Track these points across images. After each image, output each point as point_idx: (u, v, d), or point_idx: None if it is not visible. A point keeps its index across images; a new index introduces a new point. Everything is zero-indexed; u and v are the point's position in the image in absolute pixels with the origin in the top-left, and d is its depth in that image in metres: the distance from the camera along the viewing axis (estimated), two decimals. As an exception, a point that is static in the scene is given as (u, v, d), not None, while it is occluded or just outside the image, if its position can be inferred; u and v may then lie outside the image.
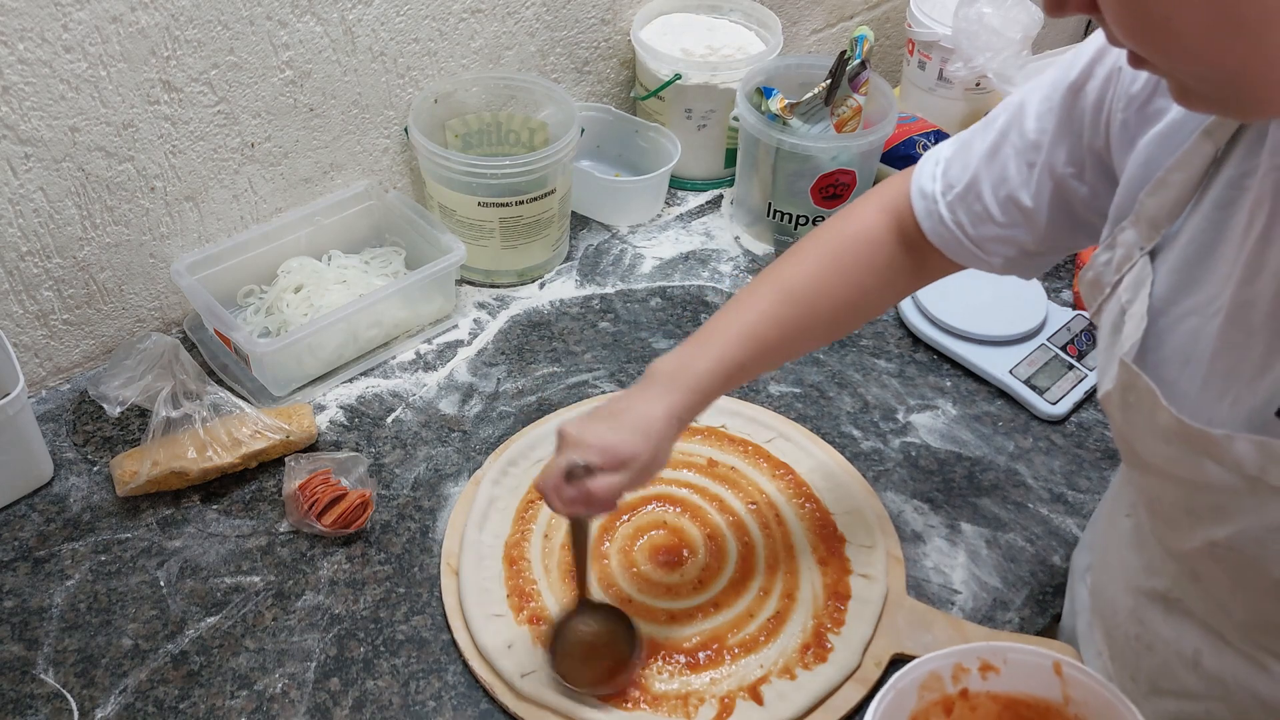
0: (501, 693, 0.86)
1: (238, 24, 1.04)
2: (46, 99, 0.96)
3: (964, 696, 0.72)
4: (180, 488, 1.01)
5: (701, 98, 1.36)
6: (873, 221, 0.84)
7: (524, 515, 1.00)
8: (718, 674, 0.88)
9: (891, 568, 0.96)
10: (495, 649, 0.88)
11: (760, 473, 1.04)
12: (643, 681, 0.87)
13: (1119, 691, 0.67)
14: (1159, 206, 0.63)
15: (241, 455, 1.01)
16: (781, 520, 1.00)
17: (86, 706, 0.85)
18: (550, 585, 0.94)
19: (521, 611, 0.91)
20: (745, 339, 0.82)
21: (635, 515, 1.00)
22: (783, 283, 0.84)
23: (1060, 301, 1.26)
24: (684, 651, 0.89)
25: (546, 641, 0.87)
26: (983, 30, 1.40)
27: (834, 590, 0.94)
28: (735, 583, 0.95)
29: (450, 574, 0.95)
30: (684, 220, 1.39)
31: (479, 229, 1.22)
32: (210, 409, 1.02)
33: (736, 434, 1.08)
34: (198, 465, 0.99)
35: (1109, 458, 1.09)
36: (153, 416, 1.00)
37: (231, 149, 1.11)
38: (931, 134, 1.39)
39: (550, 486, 0.78)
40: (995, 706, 0.72)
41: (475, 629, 0.90)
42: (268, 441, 1.02)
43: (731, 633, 0.91)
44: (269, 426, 1.02)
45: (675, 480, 1.04)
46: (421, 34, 1.20)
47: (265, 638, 0.90)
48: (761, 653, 0.89)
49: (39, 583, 0.93)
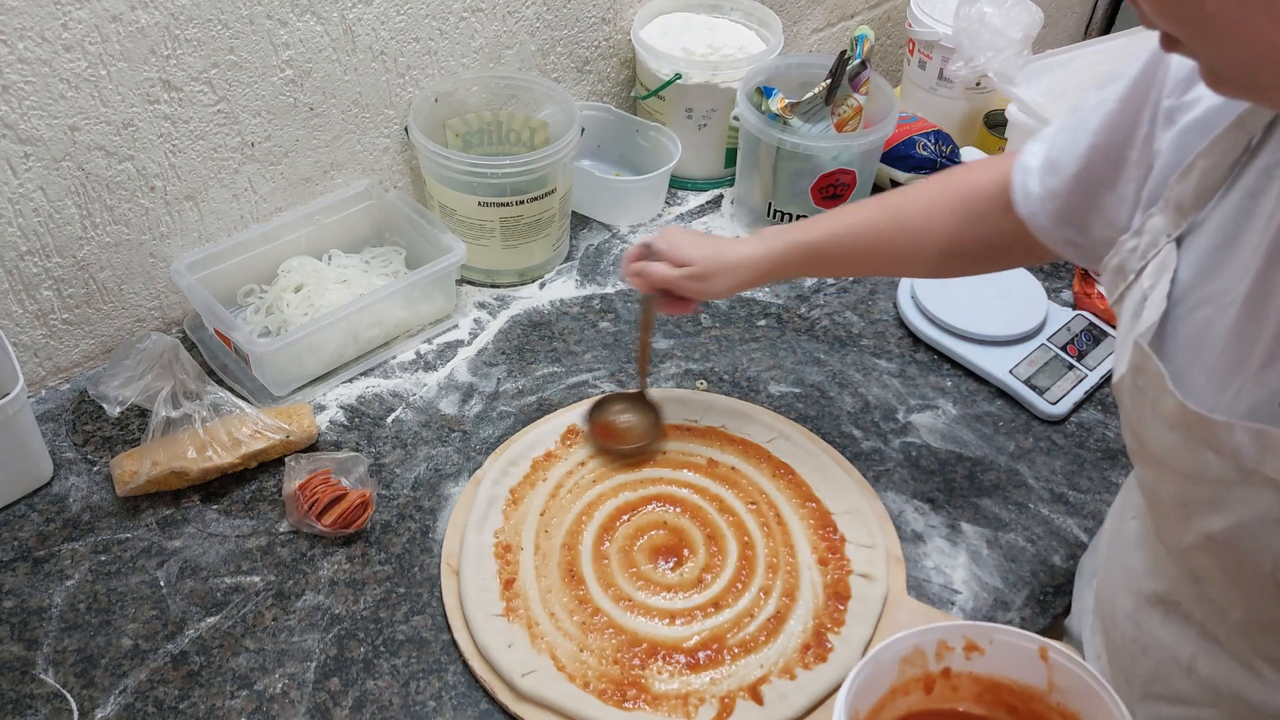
0: (501, 692, 0.86)
1: (238, 23, 1.04)
2: (46, 98, 0.96)
3: (946, 675, 0.71)
4: (180, 487, 1.00)
5: (702, 97, 1.36)
6: (999, 177, 0.83)
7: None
8: (718, 674, 0.88)
9: (892, 567, 0.96)
10: (495, 648, 0.88)
11: (760, 473, 1.04)
12: (642, 681, 0.87)
13: (1104, 682, 0.66)
14: (1186, 193, 0.64)
15: (241, 455, 1.01)
16: (781, 520, 1.00)
17: (86, 706, 0.85)
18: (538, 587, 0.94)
19: (514, 610, 0.91)
20: (838, 233, 0.92)
21: (635, 515, 1.00)
22: (892, 202, 0.92)
23: (1060, 301, 1.26)
24: (684, 651, 0.89)
25: (586, 414, 1.07)
26: (983, 30, 1.40)
27: (834, 590, 0.94)
28: (735, 582, 0.95)
29: (450, 574, 0.95)
30: (685, 220, 1.39)
31: (479, 229, 1.22)
32: (210, 409, 1.02)
33: (736, 434, 1.08)
34: (198, 465, 0.99)
35: (1109, 458, 1.09)
36: (152, 416, 1.00)
37: (231, 148, 1.11)
38: (932, 134, 1.38)
39: (627, 256, 0.99)
40: (977, 688, 0.72)
41: (475, 629, 0.89)
42: (268, 441, 1.02)
43: (731, 632, 0.91)
44: (269, 426, 1.02)
45: (676, 480, 1.04)
46: (422, 33, 1.20)
47: (265, 638, 0.90)
48: (762, 653, 0.89)
49: (39, 583, 0.93)
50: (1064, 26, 2.10)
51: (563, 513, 1.00)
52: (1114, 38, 1.53)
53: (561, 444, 1.06)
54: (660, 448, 1.06)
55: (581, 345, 1.20)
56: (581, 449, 1.06)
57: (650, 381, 1.14)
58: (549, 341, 1.20)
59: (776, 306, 1.26)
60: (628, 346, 1.19)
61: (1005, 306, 1.21)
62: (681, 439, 1.08)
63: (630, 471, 1.04)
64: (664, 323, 1.23)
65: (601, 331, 1.21)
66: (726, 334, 1.22)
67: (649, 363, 1.11)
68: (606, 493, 1.02)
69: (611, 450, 1.05)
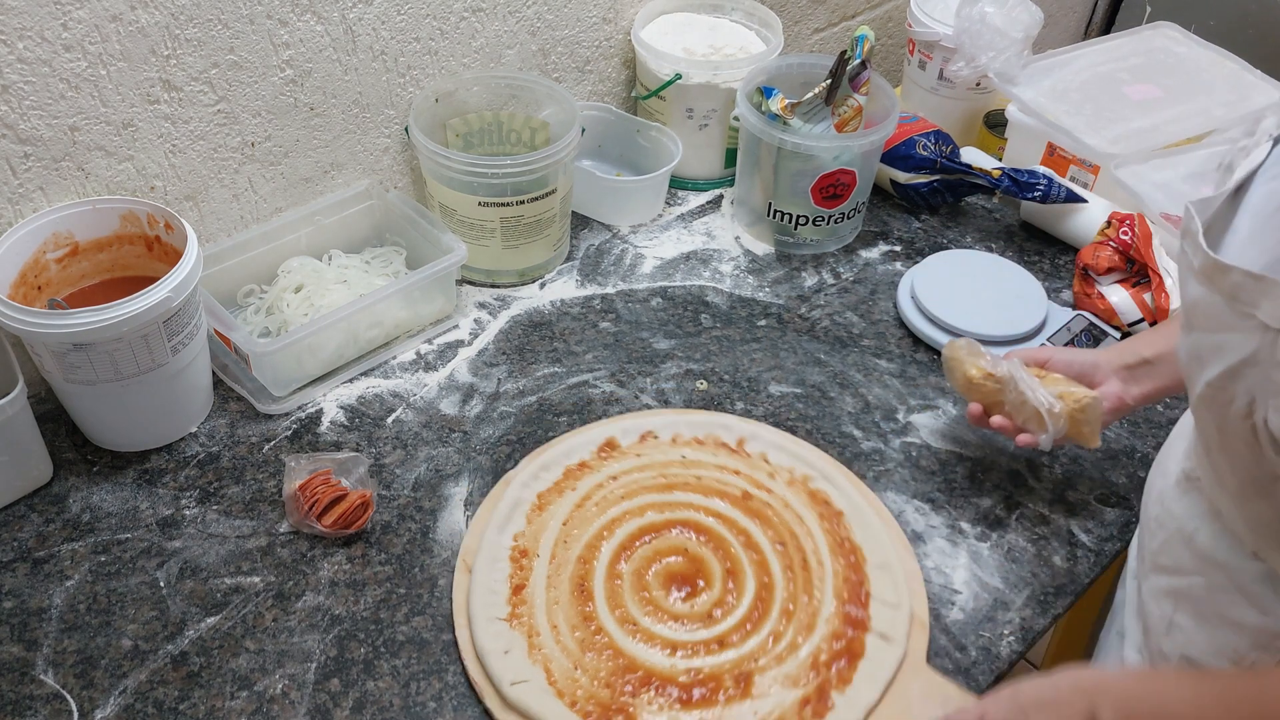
0: (489, 697, 0.85)
1: (238, 23, 1.04)
2: (46, 98, 0.96)
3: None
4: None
5: (702, 97, 1.36)
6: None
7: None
8: (709, 714, 0.84)
9: (915, 632, 0.90)
10: (492, 653, 0.87)
11: (796, 508, 1.00)
12: (630, 709, 0.84)
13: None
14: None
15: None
16: (806, 565, 0.95)
17: (86, 707, 0.84)
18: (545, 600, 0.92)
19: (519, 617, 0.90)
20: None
21: (658, 538, 0.97)
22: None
23: (1060, 301, 1.26)
24: (678, 685, 0.86)
25: None
26: (984, 30, 1.40)
27: (848, 646, 0.89)
28: (745, 622, 0.91)
29: (464, 570, 0.94)
30: (685, 220, 1.39)
31: (480, 229, 1.22)
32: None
33: (779, 464, 1.04)
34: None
35: (1110, 458, 1.09)
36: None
37: (231, 148, 1.11)
38: (932, 134, 1.38)
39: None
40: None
41: (476, 630, 0.89)
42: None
43: (730, 674, 0.87)
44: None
45: (704, 508, 1.00)
46: (422, 33, 1.20)
47: (265, 638, 0.90)
48: (758, 700, 0.85)
49: (38, 583, 0.93)
50: (1064, 26, 2.10)
51: (585, 525, 0.98)
52: (1114, 38, 1.53)
53: (597, 455, 1.04)
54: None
55: (582, 345, 1.19)
56: (615, 463, 1.03)
57: (650, 382, 1.14)
58: (549, 342, 1.20)
59: (777, 307, 1.26)
60: (628, 347, 1.19)
61: (1005, 306, 1.21)
62: (715, 467, 1.04)
63: (660, 493, 1.01)
64: (664, 322, 1.23)
65: (602, 332, 1.21)
66: (727, 334, 1.22)
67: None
68: (633, 511, 0.99)
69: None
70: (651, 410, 1.11)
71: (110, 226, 1.04)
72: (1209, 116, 1.38)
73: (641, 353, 1.19)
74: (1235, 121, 1.38)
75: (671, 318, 1.24)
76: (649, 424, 1.07)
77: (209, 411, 1.09)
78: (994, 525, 1.02)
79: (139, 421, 1.03)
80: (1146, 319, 1.20)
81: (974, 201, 1.44)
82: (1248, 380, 0.64)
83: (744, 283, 1.30)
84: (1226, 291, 0.63)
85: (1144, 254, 1.20)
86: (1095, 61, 1.47)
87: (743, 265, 1.32)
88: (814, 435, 1.10)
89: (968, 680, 0.89)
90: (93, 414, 1.02)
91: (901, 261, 1.34)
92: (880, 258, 1.35)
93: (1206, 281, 0.65)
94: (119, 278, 1.06)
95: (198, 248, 0.98)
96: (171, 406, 1.04)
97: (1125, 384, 0.96)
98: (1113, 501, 1.05)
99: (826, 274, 1.32)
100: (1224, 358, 0.65)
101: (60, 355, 0.94)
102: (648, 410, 1.11)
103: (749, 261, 1.33)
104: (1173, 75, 1.45)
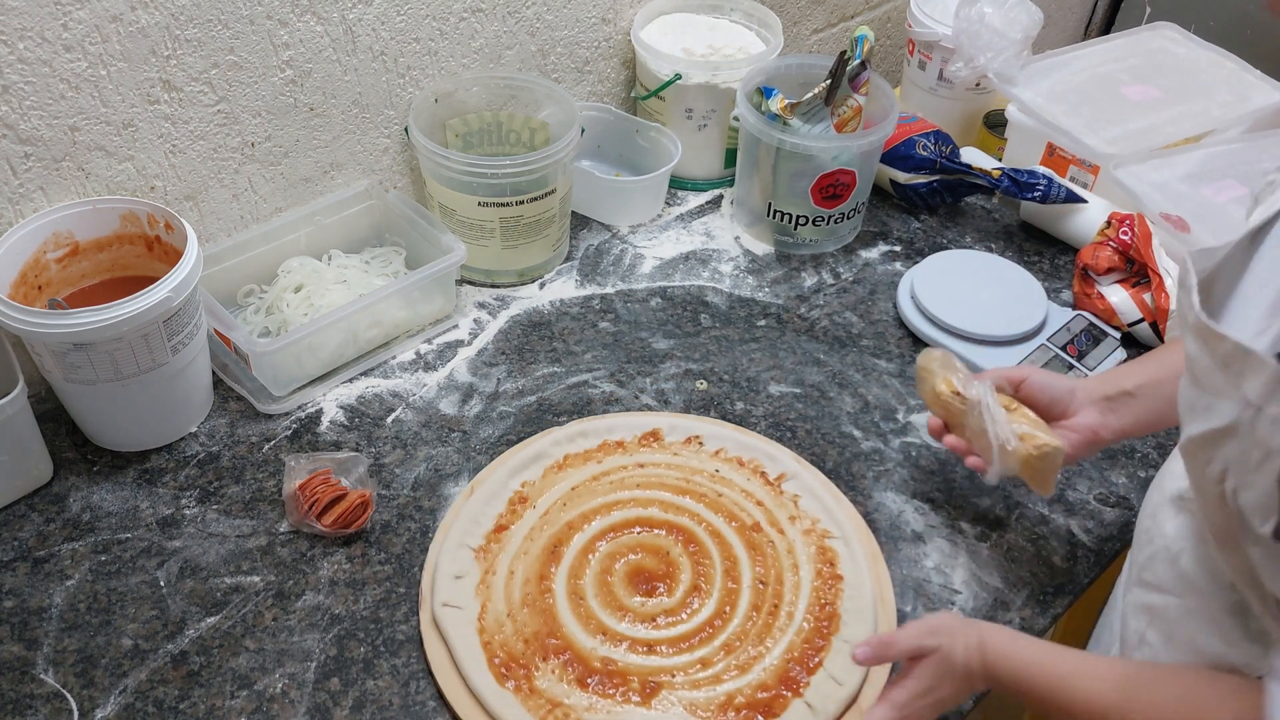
0: (424, 608, 0.91)
1: (238, 23, 1.04)
2: (46, 98, 0.96)
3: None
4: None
5: (702, 98, 1.36)
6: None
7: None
8: (599, 704, 0.84)
9: (872, 677, 0.87)
10: (444, 572, 0.92)
11: (798, 557, 0.96)
12: (533, 671, 0.86)
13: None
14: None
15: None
16: (775, 613, 0.92)
17: (86, 707, 0.85)
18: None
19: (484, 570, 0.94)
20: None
21: (649, 533, 0.98)
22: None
23: (1060, 301, 1.26)
24: (587, 667, 0.87)
25: None
26: (983, 30, 1.40)
27: (770, 702, 0.85)
28: (684, 640, 0.90)
29: (467, 495, 0.99)
30: (684, 220, 1.39)
31: (479, 229, 1.22)
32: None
33: (806, 510, 1.00)
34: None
35: (1109, 458, 1.09)
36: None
37: (231, 148, 1.11)
38: (932, 134, 1.38)
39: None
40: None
41: (445, 549, 0.94)
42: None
43: (640, 677, 0.86)
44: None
45: (708, 523, 0.99)
46: (422, 33, 1.20)
47: (265, 638, 0.90)
48: (653, 713, 0.84)
49: (39, 583, 0.93)
50: (1064, 26, 2.10)
51: (589, 496, 1.01)
52: (1113, 38, 1.53)
53: (638, 440, 1.06)
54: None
55: (581, 345, 1.20)
56: (650, 453, 1.05)
57: (650, 382, 1.14)
58: (549, 342, 1.20)
59: (776, 307, 1.26)
60: (628, 346, 1.19)
61: (1005, 306, 1.21)
62: (732, 485, 1.02)
63: (675, 494, 1.01)
64: (664, 322, 1.23)
65: (601, 331, 1.21)
66: (726, 334, 1.22)
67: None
68: (640, 501, 1.00)
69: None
70: (708, 419, 1.10)
71: (110, 226, 1.04)
72: (1208, 117, 1.38)
73: (641, 353, 1.19)
74: (1234, 122, 1.38)
75: (671, 318, 1.24)
76: (699, 429, 1.08)
77: (209, 411, 1.09)
78: (994, 525, 1.02)
79: (139, 421, 1.03)
80: (1146, 319, 1.20)
81: (974, 202, 1.44)
82: (1224, 449, 0.62)
83: (743, 283, 1.30)
84: (1219, 357, 0.61)
85: (1144, 254, 1.20)
86: (1094, 62, 1.47)
87: (742, 265, 1.32)
88: (814, 435, 1.10)
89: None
90: (93, 414, 1.02)
91: (901, 262, 1.34)
92: (880, 258, 1.35)
93: (1200, 342, 0.63)
94: (119, 278, 1.07)
95: (198, 248, 0.99)
96: (171, 406, 1.04)
97: (1103, 415, 0.92)
98: (1113, 501, 1.05)
99: (826, 274, 1.32)
100: (1209, 419, 0.63)
101: (60, 355, 0.94)
102: (704, 418, 1.10)
103: (748, 262, 1.33)
104: (1172, 76, 1.45)
